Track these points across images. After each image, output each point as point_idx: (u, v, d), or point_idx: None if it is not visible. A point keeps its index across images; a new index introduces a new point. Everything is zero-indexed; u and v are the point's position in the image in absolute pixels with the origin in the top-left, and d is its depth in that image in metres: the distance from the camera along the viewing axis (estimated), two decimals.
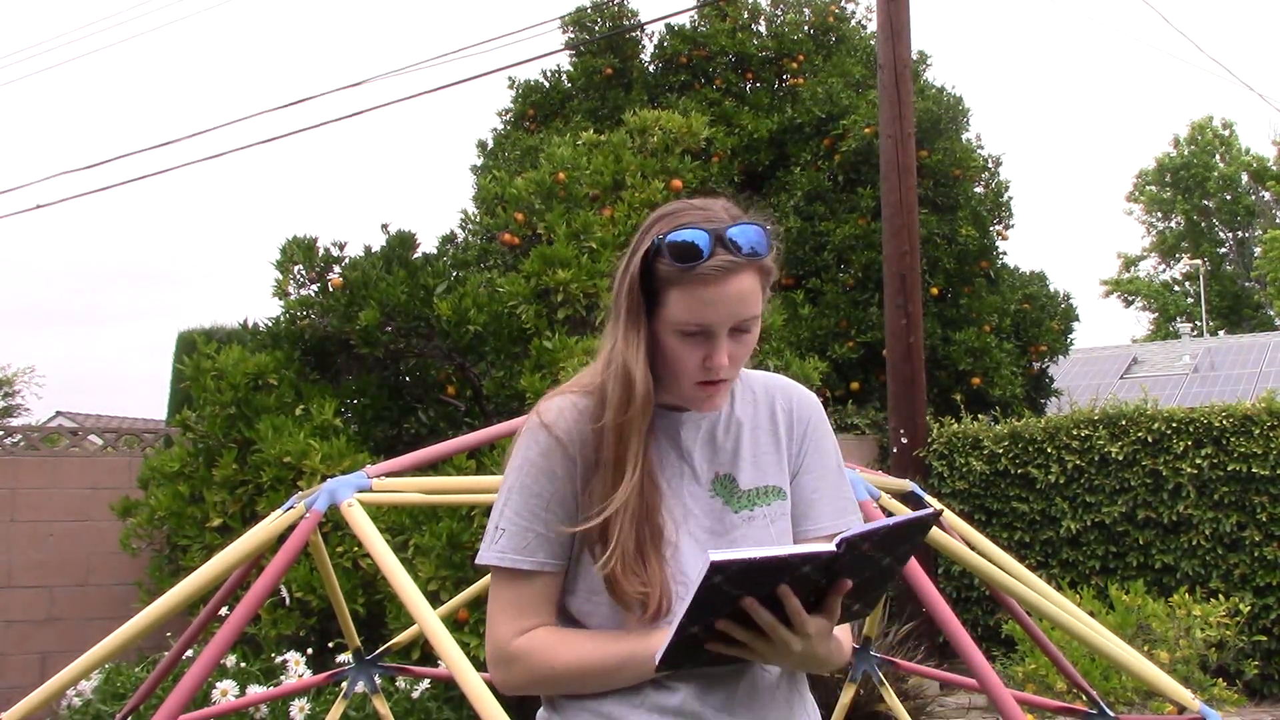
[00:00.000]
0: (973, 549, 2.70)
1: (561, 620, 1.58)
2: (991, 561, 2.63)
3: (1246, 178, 32.48)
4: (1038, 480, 7.95)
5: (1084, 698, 2.90)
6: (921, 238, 9.14)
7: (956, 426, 8.41)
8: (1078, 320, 11.68)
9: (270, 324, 6.63)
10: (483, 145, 12.14)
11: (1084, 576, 7.67)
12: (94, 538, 6.74)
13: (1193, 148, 33.22)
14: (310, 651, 5.19)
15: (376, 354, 6.29)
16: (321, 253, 6.49)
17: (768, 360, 6.41)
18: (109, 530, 6.55)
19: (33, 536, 6.65)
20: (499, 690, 1.61)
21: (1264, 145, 45.71)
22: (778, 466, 1.64)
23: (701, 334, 1.50)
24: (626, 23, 12.09)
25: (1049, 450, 7.94)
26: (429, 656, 4.50)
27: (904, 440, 8.28)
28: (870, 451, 9.28)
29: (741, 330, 1.52)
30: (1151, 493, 7.59)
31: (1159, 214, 34.38)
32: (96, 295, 50.20)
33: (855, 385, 10.34)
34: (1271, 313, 29.44)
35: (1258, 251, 29.19)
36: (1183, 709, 2.64)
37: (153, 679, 2.77)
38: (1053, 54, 60.55)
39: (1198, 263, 31.65)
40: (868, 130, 10.37)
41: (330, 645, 5.15)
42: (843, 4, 12.50)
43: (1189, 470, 7.43)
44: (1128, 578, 7.29)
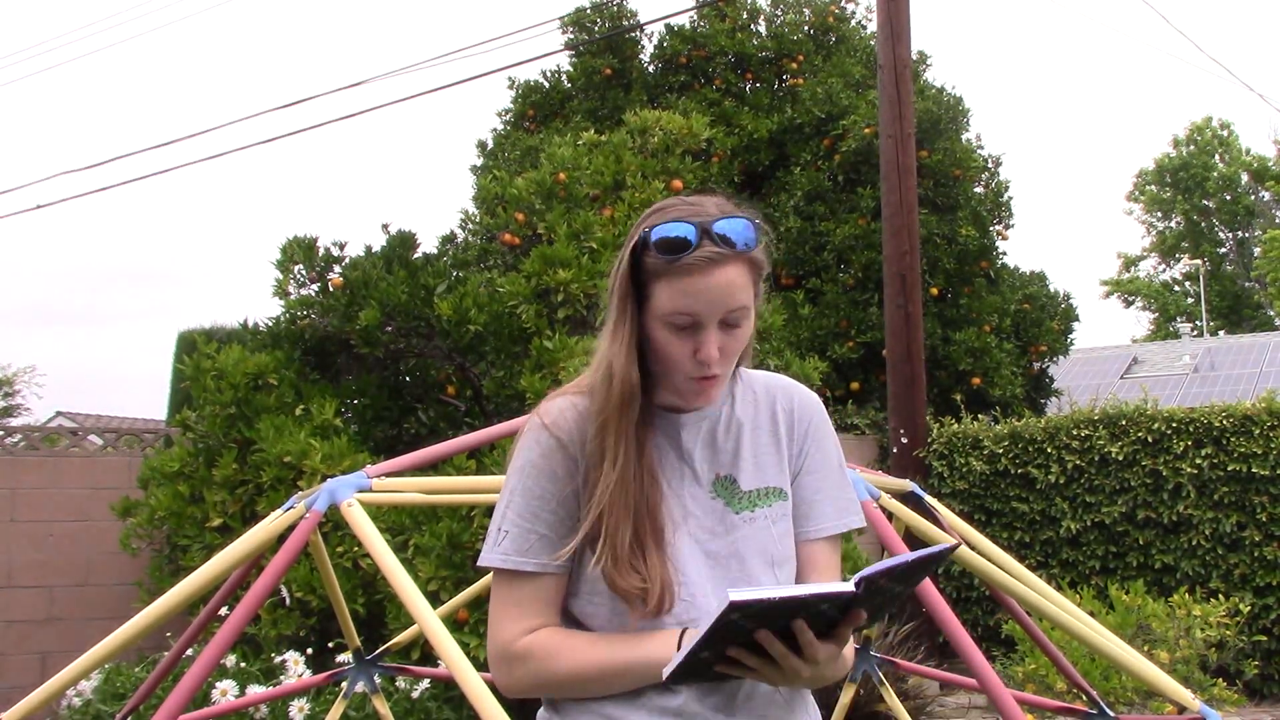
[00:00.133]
0: (973, 549, 2.70)
1: (564, 621, 1.59)
2: (991, 561, 2.63)
3: (1246, 178, 32.48)
4: (1038, 480, 7.95)
5: (1084, 698, 2.90)
6: (921, 238, 9.14)
7: (956, 426, 8.41)
8: (1078, 320, 11.69)
9: (270, 324, 6.63)
10: (483, 145, 12.14)
11: (1084, 576, 7.67)
12: (94, 538, 6.74)
13: (1191, 148, 33.23)
14: (310, 651, 5.19)
15: (376, 354, 6.29)
16: (322, 253, 6.49)
17: (768, 360, 6.41)
18: (109, 530, 6.55)
19: (33, 536, 6.65)
20: (501, 691, 1.61)
21: (1264, 145, 45.75)
22: (778, 467, 1.64)
23: (690, 326, 1.50)
24: (626, 23, 12.09)
25: (1049, 450, 7.94)
26: (429, 656, 4.51)
27: (904, 440, 8.28)
28: (870, 451, 9.28)
29: (731, 324, 1.51)
30: (1151, 493, 7.59)
31: (1159, 214, 34.39)
32: (96, 295, 50.23)
33: (855, 385, 10.34)
34: (1271, 313, 29.44)
35: (1258, 251, 29.18)
36: (1183, 709, 2.64)
37: (153, 679, 2.77)
38: (1053, 54, 60.59)
39: (1198, 263, 31.65)
40: (868, 130, 10.37)
41: (330, 645, 5.15)
42: (843, 4, 12.49)
43: (1189, 470, 7.43)
44: (1128, 578, 7.29)
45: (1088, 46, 62.88)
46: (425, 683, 4.95)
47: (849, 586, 1.31)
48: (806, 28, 12.26)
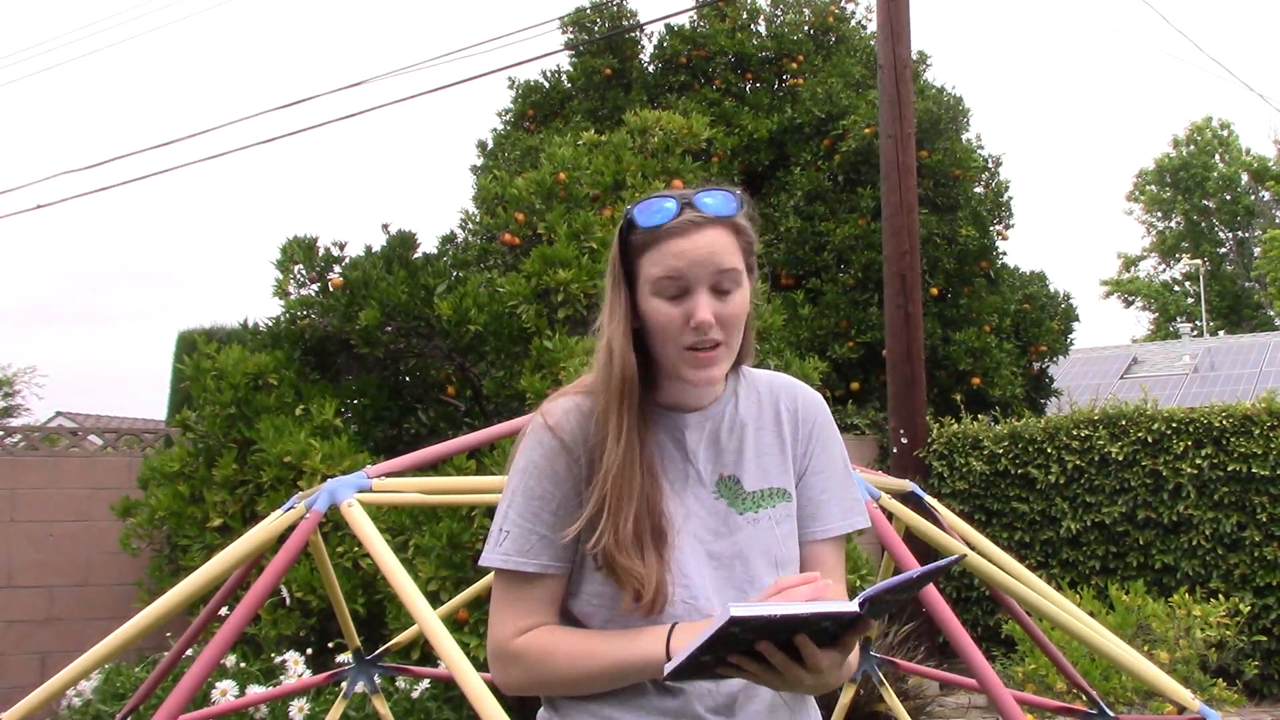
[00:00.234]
0: (973, 549, 2.70)
1: (564, 622, 1.59)
2: (991, 561, 2.63)
3: (1246, 178, 32.48)
4: (1038, 480, 7.95)
5: (1084, 698, 2.90)
6: (921, 238, 9.14)
7: (956, 426, 8.41)
8: (1078, 320, 11.68)
9: (270, 324, 6.63)
10: (483, 145, 12.14)
11: (1084, 576, 7.67)
12: (94, 538, 6.74)
13: (1191, 148, 33.24)
14: (310, 651, 5.19)
15: (376, 354, 6.29)
16: (322, 253, 6.48)
17: (768, 360, 6.41)
18: (109, 530, 6.55)
19: (33, 536, 6.65)
20: (500, 689, 1.61)
21: (1264, 145, 45.73)
22: (782, 468, 1.63)
23: (680, 294, 1.51)
24: (626, 23, 12.09)
25: (1049, 450, 7.94)
26: (429, 656, 4.50)
27: (904, 440, 8.27)
28: (870, 451, 9.28)
29: (723, 290, 1.52)
30: (1151, 493, 7.59)
31: (1159, 214, 34.39)
32: (96, 295, 50.22)
33: (855, 385, 10.34)
34: (1271, 313, 29.44)
35: (1258, 251, 29.18)
36: (1183, 709, 2.64)
37: (153, 679, 2.77)
38: (1053, 54, 60.59)
39: (1198, 263, 31.65)
40: (868, 130, 10.37)
41: (330, 645, 5.15)
42: (843, 4, 12.49)
43: (1189, 470, 7.43)
44: (1128, 578, 7.29)
45: (1088, 46, 62.90)
46: (425, 683, 4.95)
47: (852, 606, 1.29)
48: (806, 28, 12.26)
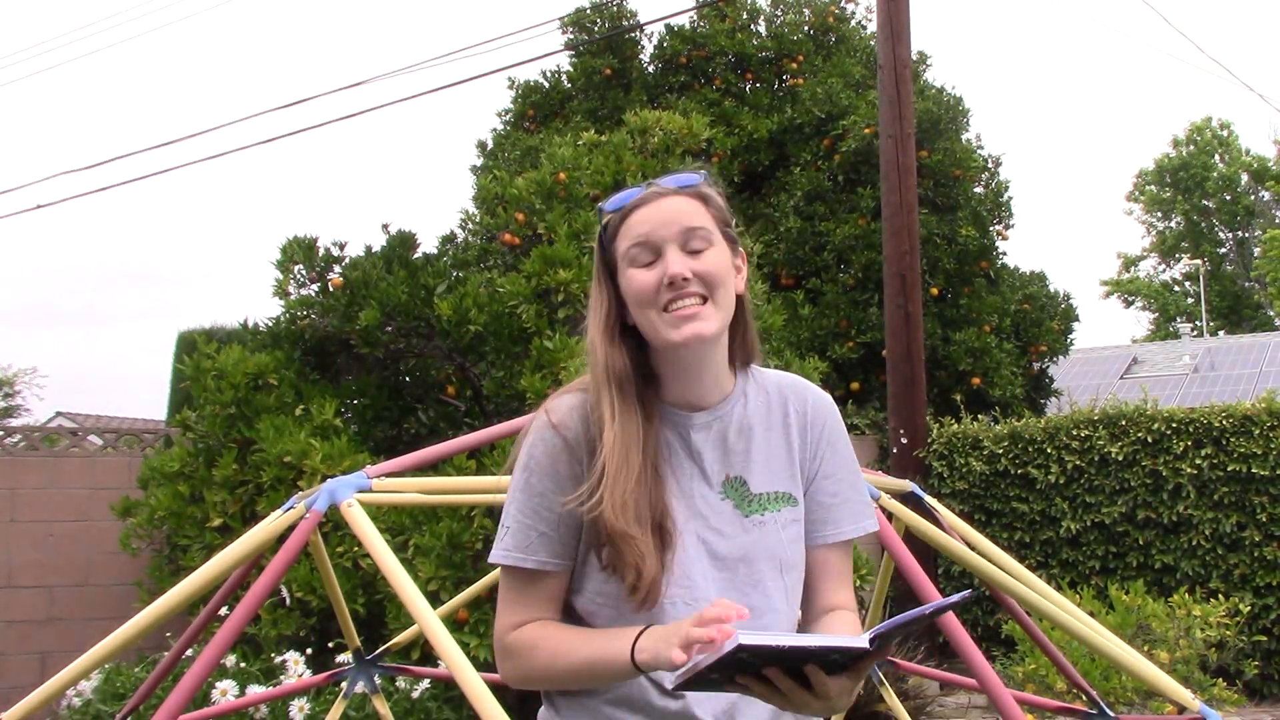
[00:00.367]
0: (973, 549, 2.70)
1: (567, 618, 1.59)
2: (991, 561, 2.63)
3: (1246, 178, 32.48)
4: (1038, 480, 7.94)
5: (1084, 698, 2.90)
6: (921, 238, 9.14)
7: (956, 427, 8.40)
8: (1078, 320, 11.68)
9: (270, 324, 6.62)
10: (483, 145, 12.14)
11: (1084, 576, 7.67)
12: (94, 538, 6.74)
13: (1191, 148, 33.23)
14: (310, 651, 5.19)
15: (377, 354, 6.28)
16: (322, 253, 6.48)
17: (768, 360, 6.40)
18: (109, 530, 6.55)
19: (33, 536, 6.65)
20: (502, 684, 1.62)
21: (1264, 145, 45.74)
22: (789, 472, 1.63)
23: (653, 258, 1.54)
24: (626, 23, 12.09)
25: (1049, 450, 7.94)
26: (429, 656, 4.50)
27: (904, 440, 8.27)
28: (870, 451, 9.28)
29: (693, 249, 1.54)
30: (1151, 493, 7.58)
31: (1159, 214, 34.38)
32: (96, 295, 50.22)
33: (855, 385, 10.34)
34: (1271, 313, 29.44)
35: (1258, 251, 29.19)
36: (1183, 709, 2.64)
37: (153, 679, 2.77)
38: (1053, 54, 60.59)
39: (1198, 263, 31.64)
40: (868, 130, 10.37)
41: (330, 645, 5.15)
42: (843, 4, 12.49)
43: (1189, 470, 7.43)
44: (1128, 578, 7.29)
45: (1088, 46, 62.90)
46: (425, 683, 4.95)
47: (862, 641, 1.28)
48: (806, 28, 12.25)
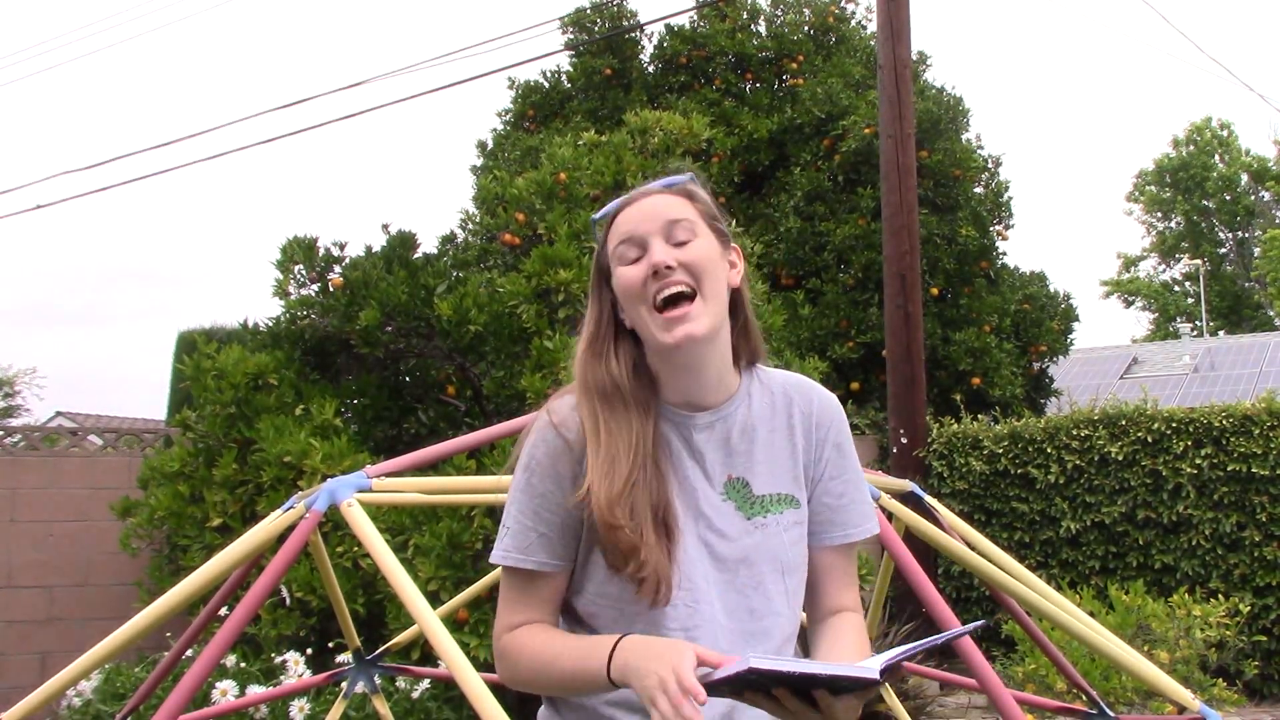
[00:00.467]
0: (973, 549, 2.70)
1: (568, 619, 1.59)
2: (991, 561, 2.63)
3: (1246, 178, 32.47)
4: (1038, 480, 7.94)
5: (1084, 698, 2.90)
6: (921, 238, 9.13)
7: (956, 426, 8.40)
8: (1078, 320, 11.67)
9: (270, 324, 6.62)
10: (483, 145, 12.14)
11: (1084, 576, 7.67)
12: (94, 538, 6.74)
13: (1191, 148, 33.22)
14: (310, 651, 5.19)
15: (377, 354, 6.28)
16: (322, 253, 6.48)
17: (768, 360, 6.39)
18: (109, 530, 6.55)
19: (33, 536, 6.65)
20: (502, 683, 1.63)
21: (1264, 145, 45.73)
22: (793, 474, 1.62)
23: (639, 253, 1.54)
24: (626, 23, 12.09)
25: (1049, 450, 7.94)
26: (429, 656, 4.50)
27: (904, 440, 8.27)
28: (870, 451, 9.28)
29: (678, 241, 1.54)
30: (1151, 493, 7.58)
31: (1159, 214, 34.37)
32: (96, 295, 50.23)
33: (855, 385, 10.34)
34: (1271, 313, 29.44)
35: (1258, 251, 29.19)
36: (1183, 709, 2.64)
37: (153, 679, 2.77)
38: (1053, 54, 60.59)
39: (1198, 263, 31.64)
40: (868, 130, 10.37)
41: (330, 645, 5.15)
42: (843, 4, 12.49)
43: (1189, 470, 7.43)
44: (1128, 578, 7.29)
45: (1088, 46, 62.90)
46: (425, 683, 4.95)
47: (872, 672, 1.29)
48: (806, 28, 12.25)
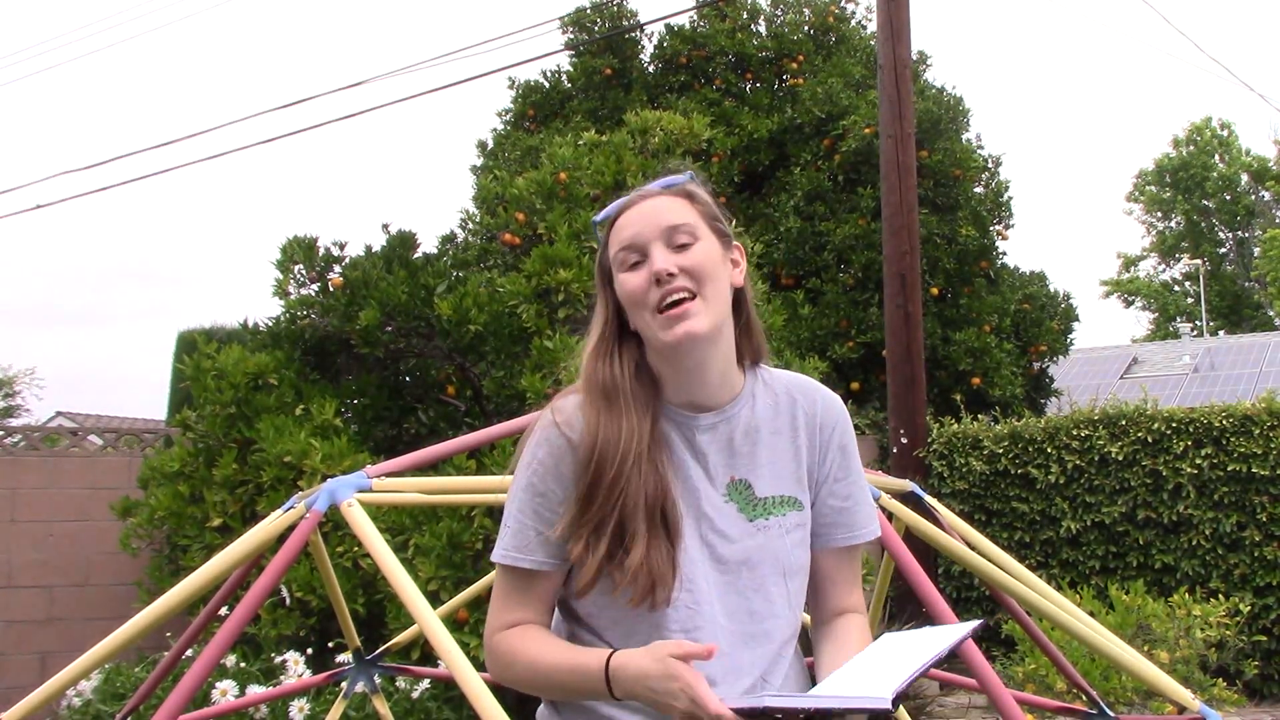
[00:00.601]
0: (973, 549, 2.70)
1: (568, 619, 1.59)
2: (991, 561, 2.63)
3: (1246, 178, 32.47)
4: (1038, 480, 7.94)
5: (1084, 698, 2.90)
6: (921, 238, 9.13)
7: (956, 426, 8.40)
8: (1078, 320, 11.68)
9: (270, 324, 6.62)
10: (483, 145, 12.14)
11: (1084, 576, 7.67)
12: (94, 538, 6.74)
13: (1191, 148, 33.22)
14: (310, 651, 5.19)
15: (377, 354, 6.28)
16: (322, 252, 6.48)
17: (770, 359, 6.39)
18: (109, 530, 6.55)
19: (33, 536, 6.65)
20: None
21: (1264, 145, 45.70)
22: (795, 476, 1.62)
23: (640, 259, 1.54)
24: (626, 23, 12.08)
25: (1049, 450, 7.94)
26: (429, 656, 4.50)
27: (904, 440, 8.27)
28: (870, 451, 9.27)
29: (679, 245, 1.54)
30: (1151, 493, 7.58)
31: (1159, 214, 34.37)
32: (96, 295, 50.24)
33: (855, 385, 10.34)
34: (1271, 313, 29.44)
35: (1258, 251, 29.18)
36: (1183, 709, 2.64)
37: (153, 679, 2.77)
38: (1053, 54, 60.60)
39: (1198, 263, 31.63)
40: (868, 130, 10.37)
41: (330, 645, 5.15)
42: (843, 4, 12.49)
43: (1189, 470, 7.42)
44: (1128, 578, 7.28)
45: (1088, 46, 62.90)
46: (425, 683, 4.95)
47: (884, 701, 1.32)
48: (806, 28, 12.25)
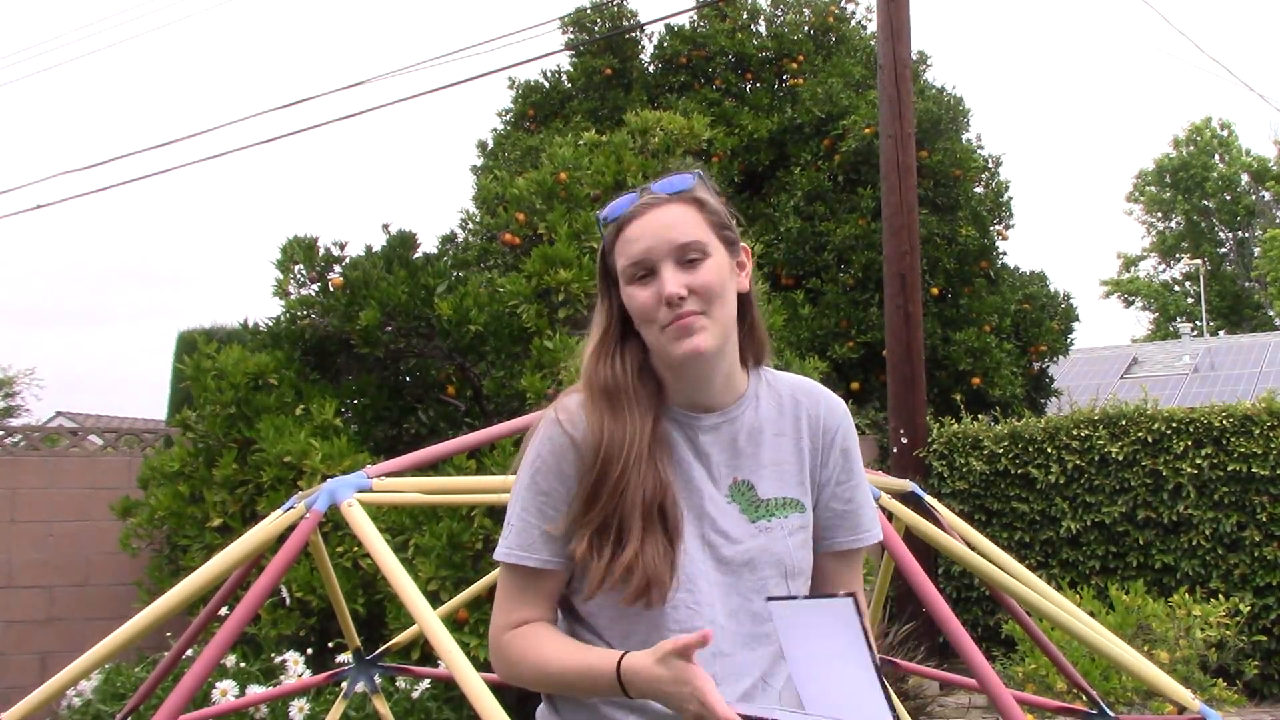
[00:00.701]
0: (973, 549, 2.70)
1: (568, 618, 1.59)
2: (991, 561, 2.62)
3: (1246, 178, 32.46)
4: (1038, 480, 7.94)
5: (1084, 698, 2.90)
6: (921, 238, 9.13)
7: (956, 426, 8.40)
8: (1078, 320, 11.68)
9: (270, 324, 6.62)
10: (483, 145, 12.14)
11: (1084, 576, 7.67)
12: (94, 538, 6.74)
13: (1191, 148, 33.22)
14: (310, 651, 5.19)
15: (377, 354, 6.28)
16: (322, 252, 6.48)
17: (772, 359, 6.39)
18: (109, 530, 6.55)
19: (33, 536, 6.65)
20: (502, 683, 1.64)
21: (1264, 145, 45.72)
22: (798, 478, 1.62)
23: (649, 274, 1.53)
24: (626, 23, 12.09)
25: (1049, 450, 7.94)
26: (429, 656, 4.50)
27: (904, 440, 8.27)
28: (870, 451, 9.27)
29: (688, 262, 1.52)
30: (1151, 493, 7.58)
31: (1159, 214, 34.36)
32: (96, 295, 50.25)
33: (855, 385, 10.34)
34: (1271, 313, 29.44)
35: (1258, 251, 29.18)
36: (1183, 709, 2.64)
37: (153, 679, 2.77)
38: (1053, 54, 60.60)
39: (1198, 263, 31.63)
40: (868, 130, 10.37)
41: (330, 645, 5.15)
42: (843, 4, 12.49)
43: (1189, 470, 7.42)
44: (1128, 578, 7.28)
45: (1088, 46, 62.91)
46: (425, 683, 4.95)
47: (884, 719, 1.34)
48: (806, 28, 12.25)
